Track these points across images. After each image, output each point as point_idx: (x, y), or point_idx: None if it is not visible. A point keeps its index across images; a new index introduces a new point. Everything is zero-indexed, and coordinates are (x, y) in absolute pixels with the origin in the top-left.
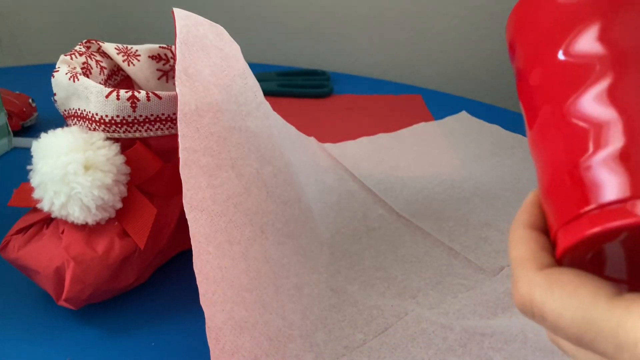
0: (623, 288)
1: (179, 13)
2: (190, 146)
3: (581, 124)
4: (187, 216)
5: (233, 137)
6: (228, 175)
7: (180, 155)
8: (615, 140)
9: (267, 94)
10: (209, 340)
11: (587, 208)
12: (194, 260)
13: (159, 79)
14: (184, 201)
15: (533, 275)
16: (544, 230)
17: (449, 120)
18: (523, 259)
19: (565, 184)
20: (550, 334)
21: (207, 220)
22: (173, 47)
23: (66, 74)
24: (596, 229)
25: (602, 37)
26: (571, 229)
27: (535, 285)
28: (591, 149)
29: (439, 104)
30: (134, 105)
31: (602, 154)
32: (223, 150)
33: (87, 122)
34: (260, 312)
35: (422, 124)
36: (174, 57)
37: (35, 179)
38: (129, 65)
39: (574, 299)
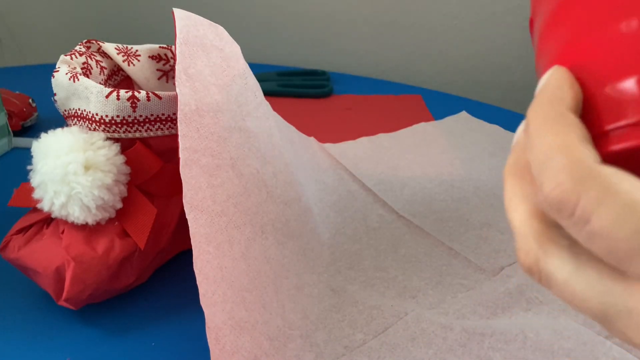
0: None
1: (178, 13)
2: (190, 146)
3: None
4: (187, 216)
5: (233, 137)
6: (228, 175)
7: (181, 155)
8: None
9: (267, 94)
10: (209, 341)
11: (623, 122)
12: (194, 260)
13: (159, 79)
14: (184, 201)
15: (591, 167)
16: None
17: (449, 120)
18: (575, 145)
19: (612, 87)
20: (535, 249)
21: (207, 220)
22: (173, 47)
23: (66, 74)
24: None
25: None
26: (612, 139)
27: (592, 181)
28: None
29: (439, 104)
30: (134, 105)
31: None
32: (223, 150)
33: (87, 122)
34: (260, 312)
35: (422, 124)
36: (174, 57)
37: (35, 179)
38: (129, 65)
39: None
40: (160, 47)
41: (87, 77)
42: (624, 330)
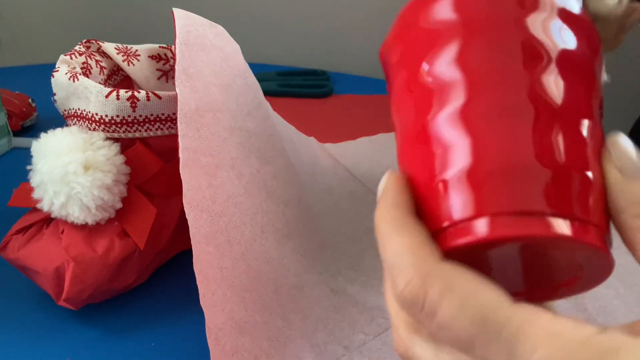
0: (521, 299)
1: (178, 13)
2: (190, 146)
3: (434, 142)
4: (187, 216)
5: (233, 137)
6: (228, 175)
7: (181, 155)
8: (462, 161)
9: (267, 94)
10: (209, 341)
11: (444, 224)
12: (194, 261)
13: (159, 79)
14: (184, 201)
15: (432, 266)
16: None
17: None
18: (418, 246)
19: (431, 194)
20: (405, 338)
21: (207, 220)
22: (173, 47)
23: (66, 73)
24: (451, 245)
25: (457, 60)
26: (439, 240)
27: (434, 277)
28: (441, 167)
29: None
30: (133, 105)
31: (450, 173)
32: (223, 150)
33: (87, 122)
34: (260, 312)
35: None
36: (174, 57)
37: (35, 179)
38: (129, 65)
39: (476, 299)
40: (160, 47)
41: (87, 77)
42: None
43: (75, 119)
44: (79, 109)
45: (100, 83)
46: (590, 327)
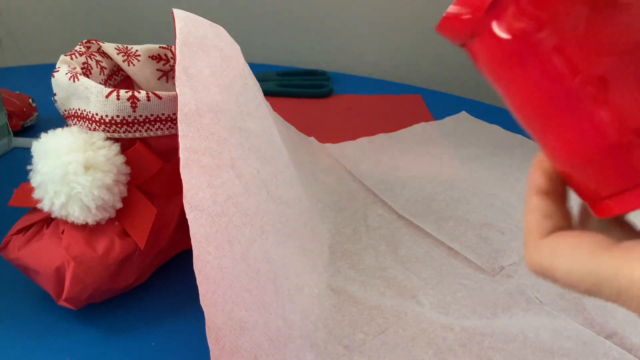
0: None
1: (178, 14)
2: (190, 146)
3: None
4: (187, 216)
5: (233, 137)
6: (228, 175)
7: (181, 155)
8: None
9: (267, 94)
10: (208, 341)
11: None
12: (194, 260)
13: (159, 79)
14: (184, 201)
15: (538, 244)
16: (551, 192)
17: (449, 120)
18: (530, 229)
19: (613, 155)
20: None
21: (207, 220)
22: (173, 47)
23: (66, 74)
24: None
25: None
26: (621, 201)
27: (541, 253)
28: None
29: (439, 104)
30: (134, 105)
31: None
32: (223, 150)
33: (87, 122)
34: (260, 312)
35: (422, 124)
36: (174, 57)
37: (35, 179)
38: (129, 65)
39: (576, 257)
40: (160, 47)
41: (87, 77)
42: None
43: (76, 119)
44: (79, 109)
45: (100, 83)
46: None
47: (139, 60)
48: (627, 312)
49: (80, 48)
